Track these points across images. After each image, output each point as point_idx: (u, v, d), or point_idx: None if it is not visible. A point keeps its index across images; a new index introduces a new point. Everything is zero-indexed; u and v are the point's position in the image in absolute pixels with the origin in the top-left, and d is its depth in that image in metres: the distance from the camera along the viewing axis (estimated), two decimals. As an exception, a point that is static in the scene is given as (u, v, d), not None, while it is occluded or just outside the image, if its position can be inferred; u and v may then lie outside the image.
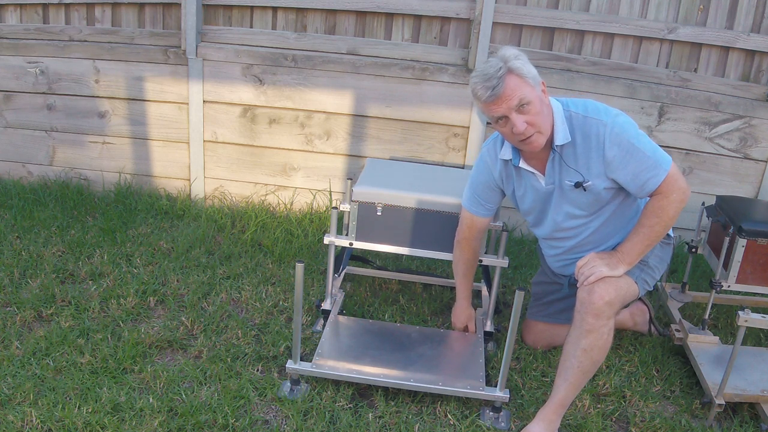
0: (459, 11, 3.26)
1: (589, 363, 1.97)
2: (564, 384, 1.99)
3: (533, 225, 2.26)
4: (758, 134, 3.25)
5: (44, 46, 3.53)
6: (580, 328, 1.97)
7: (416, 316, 2.66)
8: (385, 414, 2.07)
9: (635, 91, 3.23)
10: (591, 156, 1.97)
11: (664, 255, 2.20)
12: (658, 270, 2.17)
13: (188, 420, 1.96)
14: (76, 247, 3.01)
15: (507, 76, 1.85)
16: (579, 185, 2.01)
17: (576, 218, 2.11)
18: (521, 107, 1.88)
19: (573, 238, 2.17)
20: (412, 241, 2.38)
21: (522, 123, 1.88)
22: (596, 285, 1.96)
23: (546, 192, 2.10)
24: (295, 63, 3.36)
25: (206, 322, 2.49)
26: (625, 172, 1.95)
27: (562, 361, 2.01)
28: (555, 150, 2.00)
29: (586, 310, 1.95)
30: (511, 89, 1.86)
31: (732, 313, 2.82)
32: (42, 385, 2.08)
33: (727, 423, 2.17)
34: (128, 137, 3.61)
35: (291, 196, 3.60)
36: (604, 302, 1.94)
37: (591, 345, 1.95)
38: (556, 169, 2.04)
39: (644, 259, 2.11)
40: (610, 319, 1.96)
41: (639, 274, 2.10)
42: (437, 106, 3.34)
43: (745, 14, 3.14)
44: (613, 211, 2.09)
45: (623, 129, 1.94)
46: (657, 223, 1.96)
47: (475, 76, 1.90)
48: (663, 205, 1.94)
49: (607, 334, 1.97)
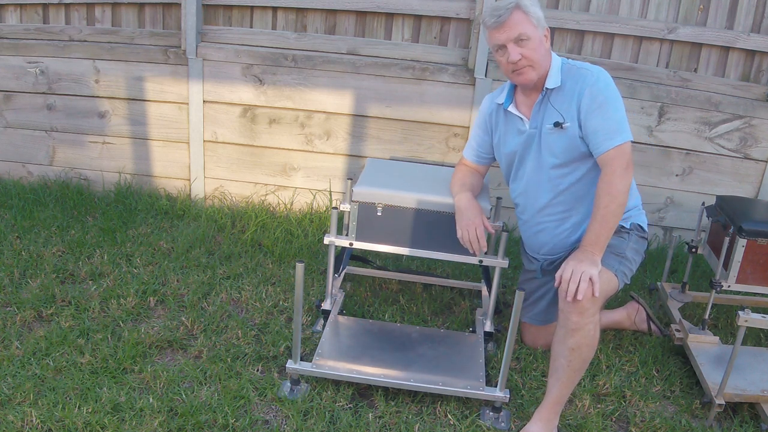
0: (459, 11, 3.26)
1: (579, 361, 1.97)
2: (557, 383, 1.99)
3: (512, 179, 2.34)
4: (758, 134, 3.25)
5: (44, 46, 3.53)
6: (565, 327, 1.97)
7: (416, 316, 2.66)
8: (385, 414, 2.07)
9: (635, 91, 3.23)
10: (573, 99, 2.10)
11: (639, 248, 2.24)
12: (635, 262, 2.21)
13: (188, 420, 1.96)
14: (76, 247, 3.01)
15: (515, 9, 2.02)
16: (558, 125, 2.13)
17: (552, 169, 2.18)
18: (520, 40, 2.04)
19: (546, 193, 2.23)
20: (412, 241, 2.38)
21: (516, 53, 2.05)
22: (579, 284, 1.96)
23: (528, 135, 2.21)
24: (295, 63, 3.36)
25: (206, 322, 2.49)
26: (588, 123, 2.06)
27: (552, 361, 2.02)
28: (545, 92, 2.14)
29: (570, 309, 1.95)
30: (514, 21, 2.03)
31: (732, 313, 2.82)
32: (42, 385, 2.08)
33: (727, 423, 2.17)
34: (128, 137, 3.61)
35: (291, 196, 3.60)
36: (587, 299, 1.93)
37: (578, 343, 1.95)
38: (541, 112, 2.17)
39: (621, 251, 2.15)
40: (595, 315, 1.96)
41: (618, 266, 2.11)
42: (437, 106, 3.34)
43: (745, 14, 3.14)
44: (585, 173, 2.17)
45: (605, 85, 2.06)
46: (610, 202, 2.00)
47: (488, 8, 2.12)
48: (610, 179, 2.01)
49: (594, 330, 1.97)
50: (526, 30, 2.03)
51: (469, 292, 2.91)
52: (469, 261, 2.35)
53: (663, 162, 3.33)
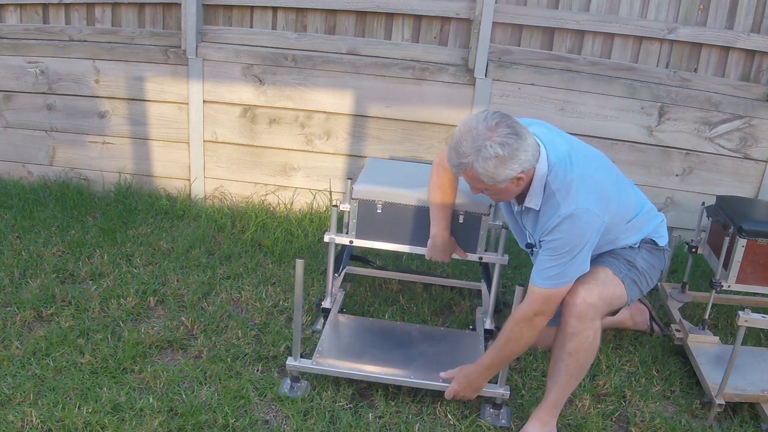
0: (459, 11, 3.26)
1: (576, 366, 1.96)
2: (554, 387, 1.99)
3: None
4: (758, 134, 3.25)
5: (44, 46, 3.53)
6: (564, 331, 1.96)
7: (416, 316, 2.66)
8: (385, 414, 2.07)
9: (635, 91, 3.23)
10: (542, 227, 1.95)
11: (653, 261, 2.14)
12: (647, 274, 2.11)
13: (188, 420, 1.96)
14: (76, 247, 3.01)
15: (466, 170, 1.86)
16: (530, 246, 2.09)
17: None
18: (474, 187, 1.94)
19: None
20: (411, 238, 2.38)
21: (477, 191, 1.96)
22: (580, 287, 1.93)
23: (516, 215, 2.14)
24: (295, 63, 3.36)
25: (206, 322, 2.49)
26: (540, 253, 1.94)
27: (551, 364, 2.02)
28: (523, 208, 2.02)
29: (569, 313, 1.93)
30: (467, 178, 1.90)
31: (732, 313, 2.82)
32: (42, 385, 2.08)
33: (727, 423, 2.17)
34: (128, 137, 3.61)
35: (291, 196, 3.60)
36: (587, 304, 1.91)
37: (576, 348, 1.94)
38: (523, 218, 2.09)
39: (630, 260, 2.08)
40: (595, 320, 1.94)
41: (627, 273, 2.05)
42: (437, 106, 3.34)
43: (745, 14, 3.14)
44: None
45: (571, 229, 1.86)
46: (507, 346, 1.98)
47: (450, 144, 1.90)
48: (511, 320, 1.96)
49: (593, 336, 1.95)
50: (479, 186, 1.90)
51: (469, 292, 2.90)
52: (469, 259, 2.36)
53: (663, 162, 3.33)
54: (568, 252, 1.86)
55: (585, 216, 1.85)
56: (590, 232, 1.87)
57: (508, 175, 1.83)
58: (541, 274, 1.90)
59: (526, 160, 1.83)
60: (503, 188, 1.89)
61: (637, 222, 2.12)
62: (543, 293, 1.90)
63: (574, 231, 1.85)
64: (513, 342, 1.97)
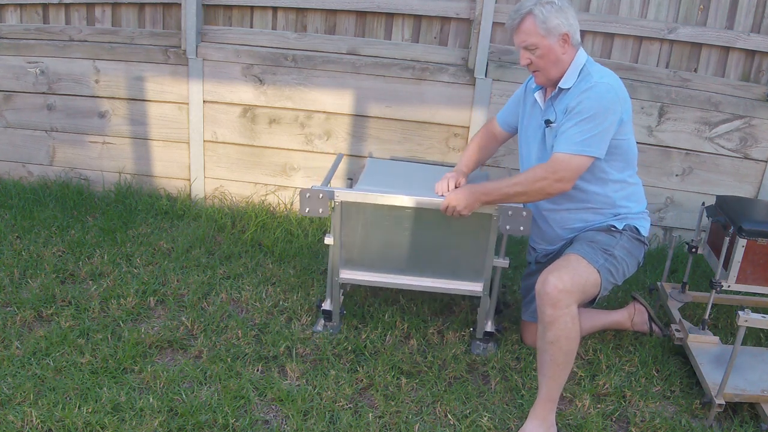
0: (459, 11, 3.26)
1: (561, 354, 1.97)
2: (544, 380, 2.00)
3: (524, 161, 2.40)
4: (758, 134, 3.25)
5: (44, 46, 3.53)
6: (542, 322, 1.99)
7: (416, 316, 2.66)
8: (385, 414, 2.07)
9: (635, 91, 3.22)
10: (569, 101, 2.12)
11: (632, 249, 2.21)
12: (625, 263, 2.18)
13: (188, 420, 1.96)
14: (76, 247, 3.01)
15: (526, 16, 2.09)
16: (548, 122, 2.19)
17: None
18: (527, 48, 2.12)
19: None
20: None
21: (525, 59, 2.15)
22: (549, 275, 1.98)
23: (539, 124, 2.26)
24: (295, 63, 3.36)
25: (206, 322, 2.49)
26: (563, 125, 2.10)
27: (538, 358, 2.03)
28: (557, 90, 2.18)
29: (543, 302, 1.97)
30: (523, 29, 2.10)
31: (732, 313, 2.82)
32: (42, 385, 2.08)
33: (727, 423, 2.17)
34: (128, 137, 3.61)
35: (291, 196, 3.60)
36: (558, 290, 1.94)
37: (556, 336, 1.96)
38: (547, 106, 2.23)
39: (609, 248, 2.14)
40: (570, 306, 1.96)
41: (602, 262, 2.09)
42: (437, 106, 3.34)
43: (745, 14, 3.14)
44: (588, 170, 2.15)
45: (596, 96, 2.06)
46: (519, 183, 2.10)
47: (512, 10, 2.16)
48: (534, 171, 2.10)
49: (571, 322, 1.96)
50: (533, 41, 2.10)
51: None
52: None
53: (663, 162, 3.33)
54: (592, 117, 2.04)
55: (611, 89, 2.07)
56: (613, 104, 2.06)
57: (559, 27, 2.07)
58: (567, 140, 2.06)
59: (574, 23, 2.10)
60: (551, 46, 2.09)
61: (637, 189, 2.32)
62: (566, 158, 2.06)
63: (601, 97, 2.05)
64: (521, 187, 2.10)
